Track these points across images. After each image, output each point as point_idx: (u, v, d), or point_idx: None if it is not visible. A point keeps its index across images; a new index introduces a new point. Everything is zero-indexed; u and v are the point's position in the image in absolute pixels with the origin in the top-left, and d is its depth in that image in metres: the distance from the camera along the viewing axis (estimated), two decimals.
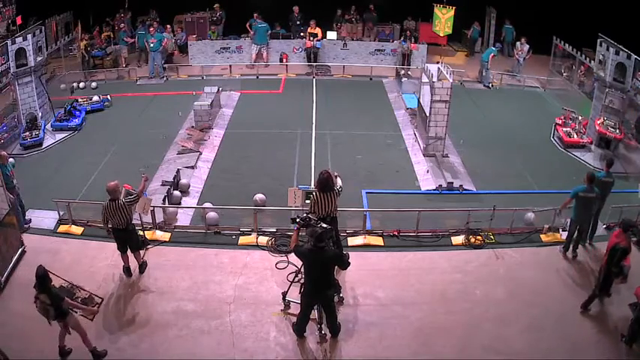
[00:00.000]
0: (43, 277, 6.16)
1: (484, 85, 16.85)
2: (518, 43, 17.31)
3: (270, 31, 18.10)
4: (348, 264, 7.22)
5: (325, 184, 7.57)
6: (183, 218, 9.62)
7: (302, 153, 12.03)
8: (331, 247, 6.81)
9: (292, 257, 8.13)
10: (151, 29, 17.00)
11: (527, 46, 16.91)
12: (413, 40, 17.81)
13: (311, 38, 17.70)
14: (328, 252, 6.43)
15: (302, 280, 6.92)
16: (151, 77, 16.90)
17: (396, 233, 9.10)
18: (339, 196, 7.70)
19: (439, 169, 11.25)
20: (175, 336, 7.00)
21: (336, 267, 6.79)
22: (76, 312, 6.55)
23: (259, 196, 9.65)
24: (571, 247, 8.66)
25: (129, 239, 7.89)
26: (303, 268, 6.69)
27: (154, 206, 9.00)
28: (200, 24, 18.86)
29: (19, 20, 15.17)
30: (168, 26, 17.85)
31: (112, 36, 18.55)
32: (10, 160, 9.20)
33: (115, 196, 7.54)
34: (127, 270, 8.02)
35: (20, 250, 8.39)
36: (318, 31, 17.82)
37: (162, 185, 10.31)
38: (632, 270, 8.01)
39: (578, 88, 15.37)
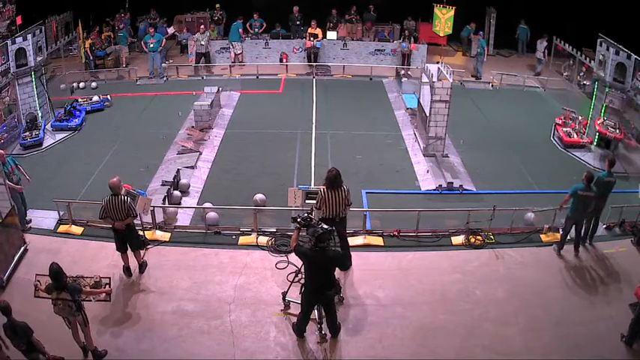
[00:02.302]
0: (58, 272, 6.11)
1: (478, 78, 17.08)
2: (538, 42, 17.33)
3: (242, 29, 18.03)
4: (349, 265, 7.22)
5: (334, 180, 7.42)
6: (183, 218, 9.62)
7: (302, 153, 12.03)
8: (332, 248, 6.80)
9: (292, 257, 8.14)
10: (151, 29, 17.01)
11: (546, 43, 16.90)
12: (413, 40, 17.81)
13: (311, 38, 17.69)
14: (329, 252, 6.42)
15: (302, 280, 6.92)
16: (151, 77, 16.91)
17: (396, 233, 9.09)
18: (348, 194, 7.60)
19: (439, 169, 11.25)
20: (175, 336, 7.00)
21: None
22: (91, 299, 6.56)
23: (259, 196, 9.65)
24: (572, 248, 8.64)
25: (129, 237, 7.89)
26: (303, 268, 6.69)
27: (154, 206, 9.01)
28: (200, 24, 18.83)
29: (19, 20, 15.17)
30: (202, 26, 17.71)
31: (112, 36, 18.54)
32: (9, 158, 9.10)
33: (117, 192, 7.58)
34: (127, 270, 8.03)
35: (22, 248, 8.40)
36: (318, 31, 17.81)
37: (162, 185, 10.31)
38: (632, 270, 8.09)
39: (578, 88, 15.37)
